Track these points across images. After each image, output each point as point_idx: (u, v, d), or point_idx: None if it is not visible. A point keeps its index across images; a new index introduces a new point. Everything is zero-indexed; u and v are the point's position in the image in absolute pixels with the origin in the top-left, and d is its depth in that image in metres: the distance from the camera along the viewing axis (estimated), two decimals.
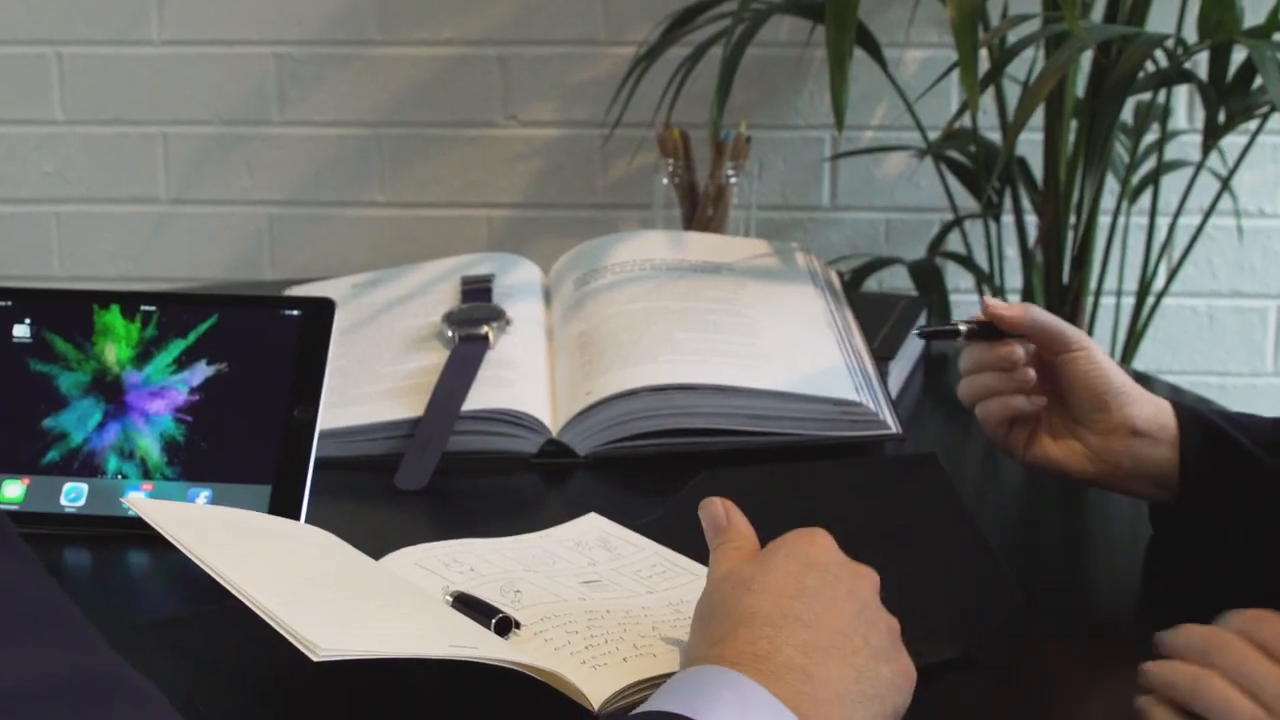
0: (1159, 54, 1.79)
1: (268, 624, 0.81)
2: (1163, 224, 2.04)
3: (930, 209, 2.24)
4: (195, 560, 0.89)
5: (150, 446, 1.13)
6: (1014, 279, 2.13)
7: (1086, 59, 1.89)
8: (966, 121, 2.03)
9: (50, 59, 2.26)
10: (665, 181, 1.70)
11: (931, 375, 1.50)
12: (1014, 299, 2.10)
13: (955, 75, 2.07)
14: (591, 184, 2.27)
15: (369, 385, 1.30)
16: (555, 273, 1.50)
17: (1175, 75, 1.80)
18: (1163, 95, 1.94)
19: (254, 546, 0.97)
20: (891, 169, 2.25)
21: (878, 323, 1.45)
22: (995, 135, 2.09)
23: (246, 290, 1.82)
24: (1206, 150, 1.85)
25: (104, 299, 1.17)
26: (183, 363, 1.15)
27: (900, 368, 1.42)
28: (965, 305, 2.20)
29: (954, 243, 2.14)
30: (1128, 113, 1.99)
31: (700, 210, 1.68)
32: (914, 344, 1.49)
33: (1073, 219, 1.90)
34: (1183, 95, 2.17)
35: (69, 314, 1.17)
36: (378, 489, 1.20)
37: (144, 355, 1.16)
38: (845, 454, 1.25)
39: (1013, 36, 1.82)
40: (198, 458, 1.13)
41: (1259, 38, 1.66)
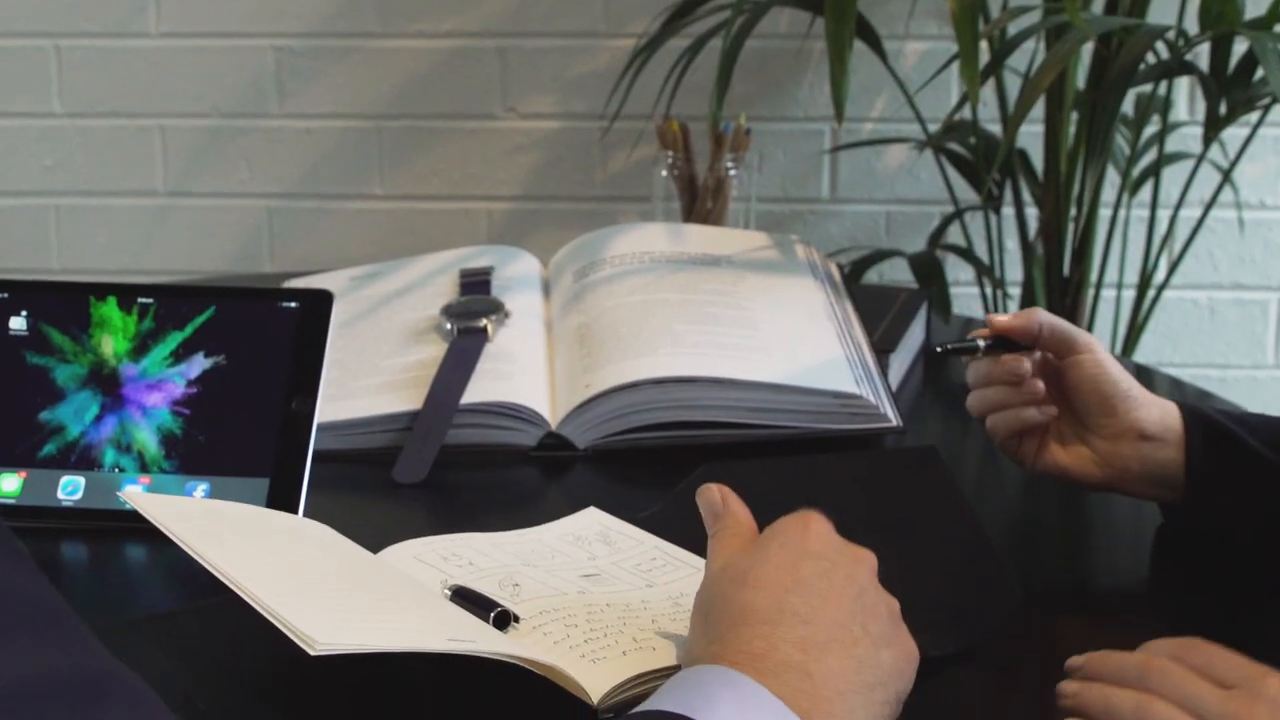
0: (1160, 46, 1.79)
1: (265, 618, 0.81)
2: (1163, 216, 2.03)
3: (930, 201, 2.24)
4: (192, 554, 0.89)
5: (147, 439, 1.13)
6: (1014, 271, 2.12)
7: (1087, 51, 1.88)
8: (967, 114, 2.03)
9: (48, 52, 2.26)
10: (665, 174, 1.70)
11: (932, 368, 1.49)
12: (1015, 291, 2.09)
13: (955, 67, 2.06)
14: (591, 176, 2.27)
15: (367, 378, 1.30)
16: (554, 265, 1.49)
17: (1176, 67, 1.79)
18: (1163, 87, 1.93)
19: (251, 540, 0.96)
20: (892, 161, 2.25)
21: (878, 315, 1.45)
22: (996, 127, 2.08)
23: (245, 283, 1.82)
24: (1207, 142, 1.84)
25: (101, 291, 1.17)
26: (180, 355, 1.15)
27: (900, 360, 1.42)
28: (965, 298, 2.20)
29: (954, 235, 2.14)
30: (1128, 105, 1.98)
31: (700, 203, 1.67)
32: (914, 337, 1.48)
33: (1073, 211, 1.90)
34: (1183, 87, 2.17)
35: (66, 306, 1.16)
36: (376, 482, 1.20)
37: (141, 348, 1.15)
38: (845, 447, 1.25)
39: (1013, 28, 1.81)
40: (195, 451, 1.12)
41: (1260, 29, 1.66)
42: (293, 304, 1.16)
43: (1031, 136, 2.04)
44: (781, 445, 1.25)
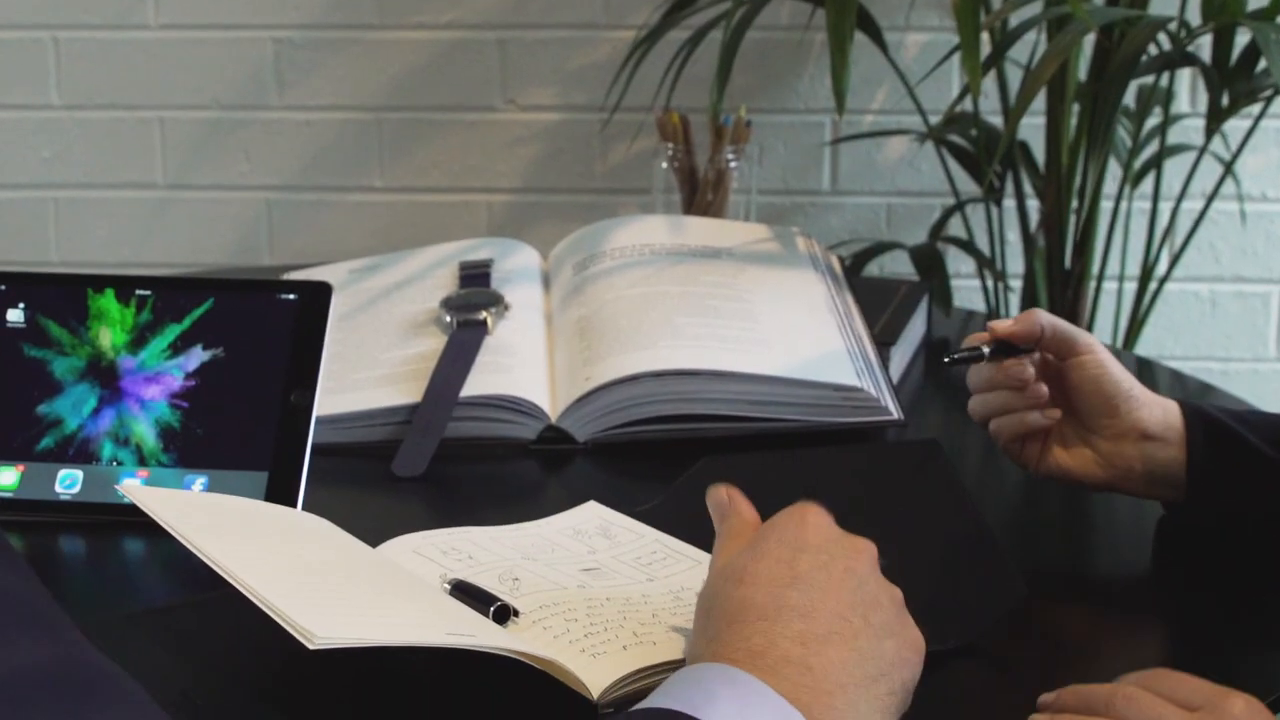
0: (1162, 37, 1.78)
1: (264, 612, 0.80)
2: (1165, 209, 2.03)
3: (931, 193, 2.23)
4: (191, 548, 0.89)
5: (146, 432, 1.13)
6: (1015, 264, 2.12)
7: (1088, 42, 1.88)
8: (968, 105, 2.02)
9: (47, 44, 2.25)
10: (665, 166, 1.69)
11: (933, 361, 1.49)
12: (1016, 284, 2.09)
13: (956, 59, 2.06)
14: (591, 169, 2.26)
15: (367, 371, 1.29)
16: (554, 258, 1.49)
17: (1178, 58, 1.79)
18: (1165, 79, 1.93)
19: (250, 534, 0.96)
20: (892, 153, 2.24)
21: (879, 308, 1.45)
22: (997, 119, 2.08)
23: (244, 276, 1.81)
24: (1210, 134, 1.84)
25: (99, 283, 1.16)
26: (178, 347, 1.15)
27: (902, 353, 1.42)
28: (966, 290, 2.19)
29: (955, 227, 2.13)
30: (1130, 97, 1.98)
31: (700, 195, 1.67)
32: (915, 329, 1.48)
33: (1075, 204, 1.89)
34: (1185, 79, 2.16)
35: (63, 298, 1.16)
36: (375, 475, 1.19)
37: (139, 340, 1.15)
38: (846, 440, 1.24)
39: (1014, 19, 1.81)
40: (193, 444, 1.12)
41: (1263, 20, 1.65)
42: (291, 296, 1.16)
43: (1033, 128, 2.03)
44: (782, 438, 1.25)
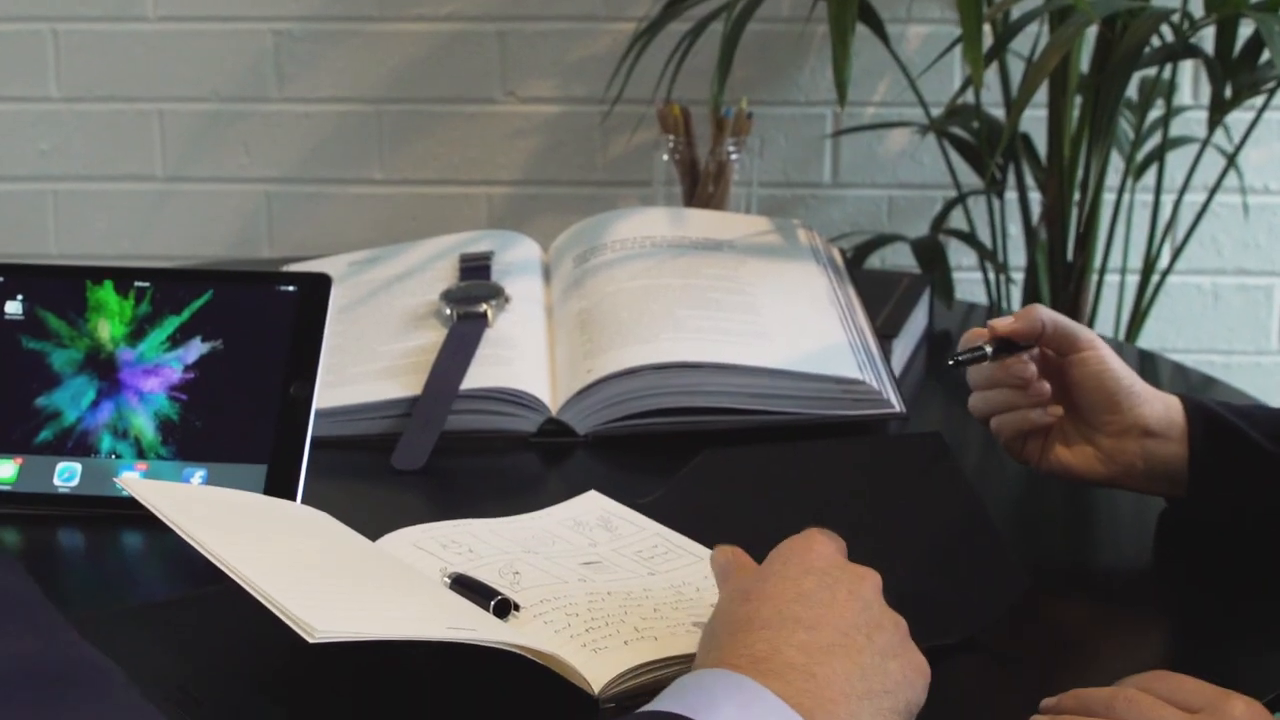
0: (1165, 29, 1.78)
1: (263, 606, 0.80)
2: (1167, 201, 2.02)
3: (933, 186, 2.22)
4: (190, 541, 0.88)
5: (144, 425, 1.12)
6: (1017, 256, 2.11)
7: (1091, 34, 1.87)
8: (969, 98, 2.02)
9: (45, 35, 2.24)
10: (666, 158, 1.69)
11: (935, 354, 1.49)
12: (1018, 277, 2.08)
13: (958, 51, 2.05)
14: (591, 161, 2.26)
15: (366, 364, 1.29)
16: (555, 250, 1.49)
17: (1181, 50, 1.78)
18: (1167, 71, 1.92)
19: (249, 527, 0.96)
20: (894, 145, 2.24)
21: (881, 300, 1.44)
22: (999, 111, 2.07)
23: (243, 268, 1.81)
24: (1212, 126, 1.83)
25: (97, 275, 1.16)
26: (177, 340, 1.14)
27: (903, 346, 1.41)
28: (968, 283, 2.19)
29: (957, 220, 2.13)
30: (1132, 89, 1.97)
31: (701, 187, 1.66)
32: (917, 322, 1.48)
33: (1077, 196, 1.89)
34: (1187, 70, 2.16)
35: (62, 290, 1.15)
36: (375, 469, 1.19)
37: (138, 332, 1.14)
38: (848, 433, 1.24)
39: (1016, 11, 1.80)
40: (192, 437, 1.12)
41: (1266, 11, 1.65)
42: (291, 288, 1.16)
43: (1035, 120, 2.03)
44: (784, 431, 1.24)
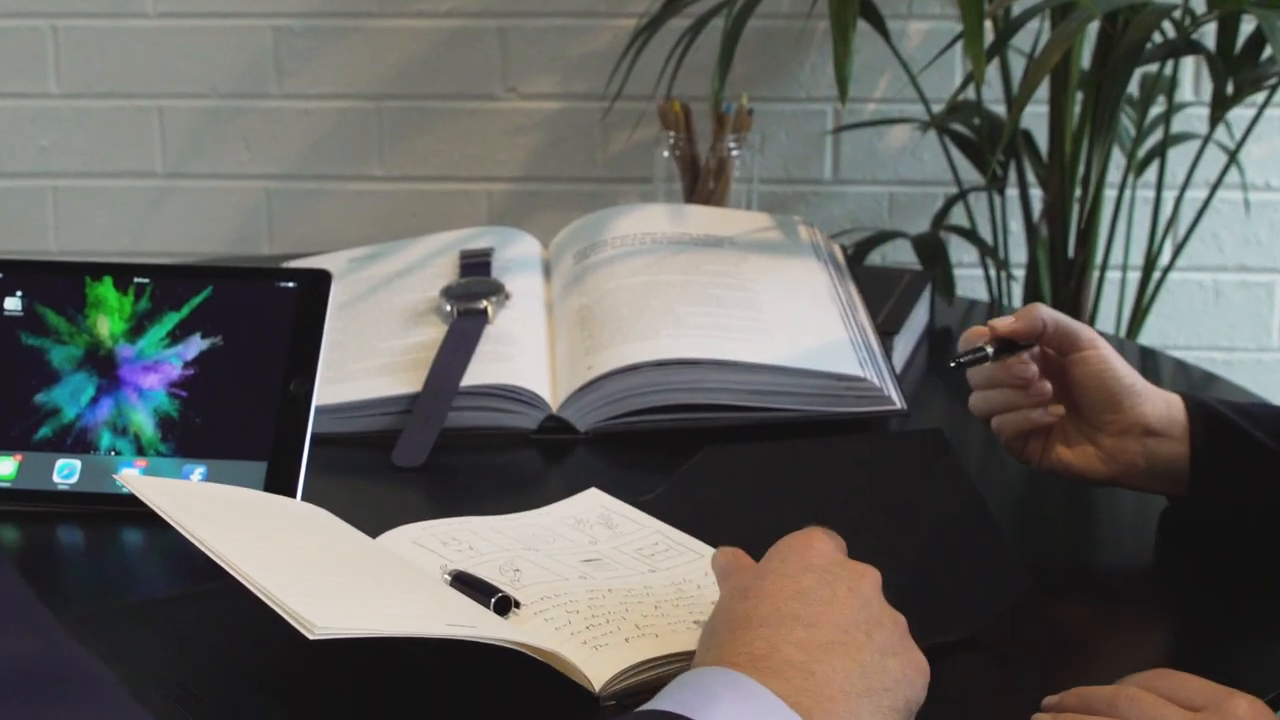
0: (1166, 24, 1.77)
1: (264, 603, 0.80)
2: (1169, 198, 2.02)
3: (933, 182, 2.22)
4: (190, 538, 0.88)
5: (144, 422, 1.12)
6: (1018, 253, 2.11)
7: (1092, 30, 1.87)
8: (971, 94, 2.02)
9: (45, 32, 2.24)
10: (666, 155, 1.68)
11: (936, 350, 1.48)
12: (1019, 273, 2.08)
13: (959, 47, 2.05)
14: (592, 157, 2.25)
15: (366, 360, 1.29)
16: (555, 247, 1.48)
17: (1183, 46, 1.78)
18: (1169, 67, 1.92)
19: (250, 524, 0.95)
20: (894, 142, 2.23)
21: (881, 297, 1.44)
22: (1000, 108, 2.07)
23: (243, 265, 1.81)
24: (1214, 122, 1.83)
25: (96, 271, 1.16)
26: (176, 336, 1.14)
27: (904, 342, 1.41)
28: (969, 279, 2.19)
29: (958, 216, 2.12)
30: (1133, 85, 1.97)
31: (701, 183, 1.66)
32: (918, 319, 1.47)
33: (1078, 192, 1.88)
34: (1188, 67, 2.15)
35: (61, 286, 1.15)
36: (375, 465, 1.19)
37: (137, 328, 1.14)
38: (849, 429, 1.24)
39: (1017, 7, 1.80)
40: (192, 433, 1.11)
41: (1268, 8, 1.64)
42: (291, 284, 1.15)
43: (1036, 117, 2.02)
44: (785, 428, 1.24)
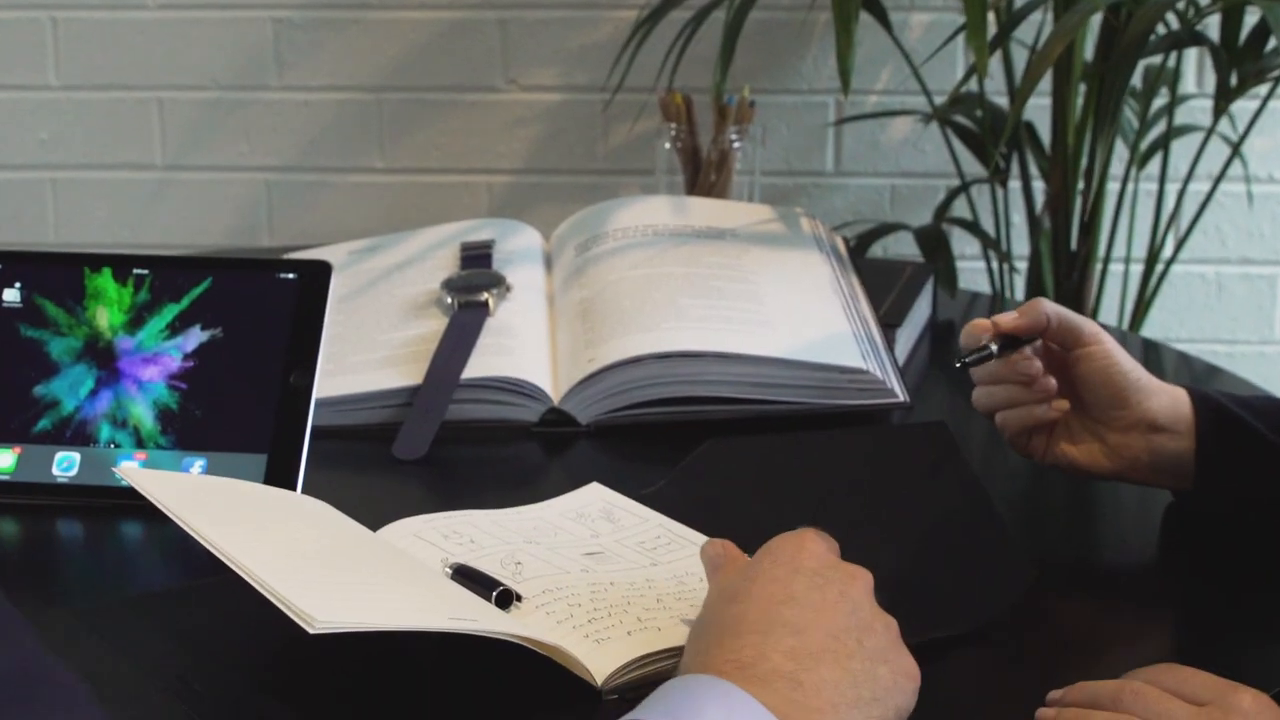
0: (1170, 16, 1.77)
1: (263, 597, 0.79)
2: (1171, 190, 2.02)
3: (935, 175, 2.22)
4: (189, 532, 0.88)
5: (143, 414, 1.11)
6: (1021, 245, 2.11)
7: (1095, 22, 1.86)
8: (973, 86, 2.01)
9: (45, 24, 2.23)
10: (668, 146, 1.68)
11: (938, 343, 1.48)
12: (1021, 266, 2.08)
13: (961, 39, 2.04)
14: (593, 149, 2.25)
15: (367, 353, 1.28)
16: (556, 239, 1.48)
17: (1187, 38, 1.77)
18: (1172, 59, 1.91)
19: (249, 517, 0.95)
20: (896, 134, 2.23)
21: (884, 289, 1.43)
22: (1002, 100, 2.06)
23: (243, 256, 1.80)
24: (1218, 114, 1.82)
25: (95, 262, 1.15)
26: (176, 328, 1.13)
27: (907, 335, 1.41)
28: (971, 272, 2.18)
29: (960, 208, 2.12)
30: (1135, 77, 1.96)
31: (703, 175, 1.66)
32: (921, 311, 1.47)
33: (1081, 185, 1.88)
34: (1191, 59, 2.15)
35: (60, 278, 1.15)
36: (376, 458, 1.18)
37: (136, 320, 1.14)
38: (851, 422, 1.23)
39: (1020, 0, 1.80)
40: (192, 426, 1.11)
41: (1272, 0, 1.64)
42: (291, 275, 1.15)
43: (1039, 109, 2.02)
44: (787, 420, 1.23)
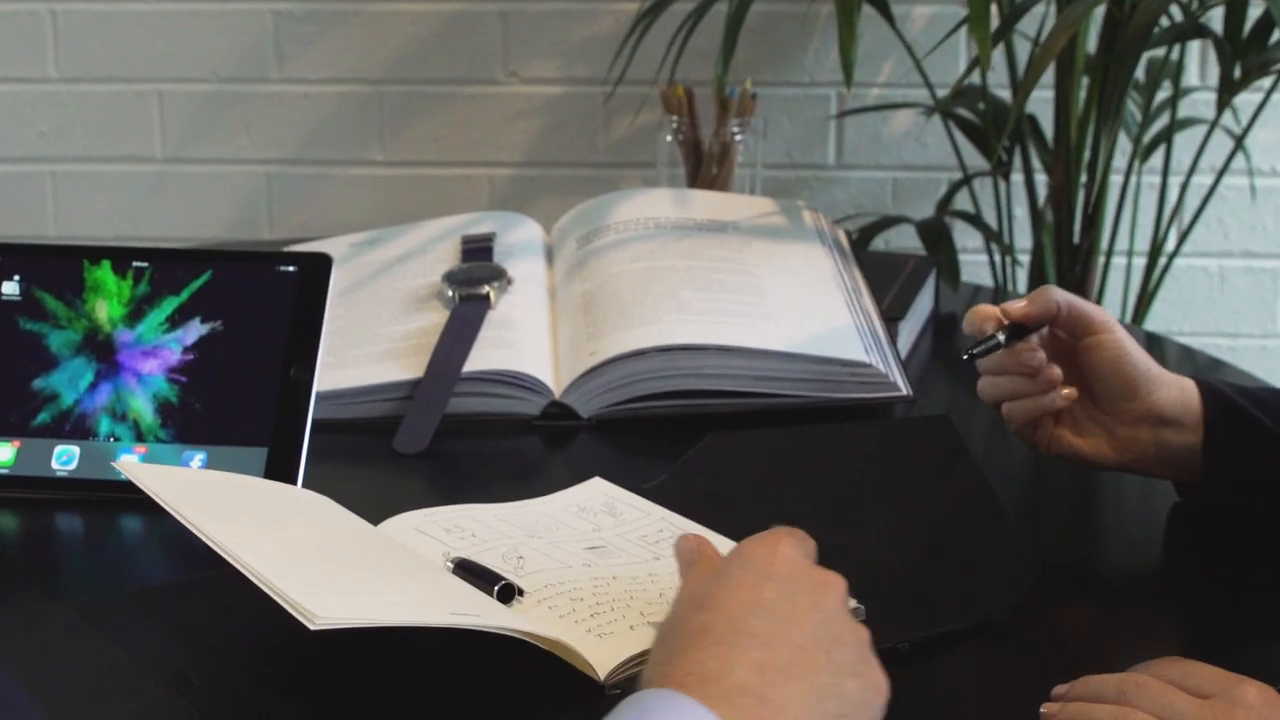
0: (1173, 9, 1.76)
1: (264, 592, 0.79)
2: (1175, 183, 2.01)
3: (937, 168, 2.21)
4: (189, 526, 0.87)
5: (143, 408, 1.11)
6: (1023, 239, 2.10)
7: (1098, 13, 1.86)
8: (975, 79, 2.00)
9: (44, 16, 2.23)
10: (669, 139, 1.68)
11: (941, 336, 1.47)
12: (1024, 259, 2.07)
13: (963, 32, 2.04)
14: (594, 142, 2.24)
15: (367, 346, 1.28)
16: (557, 231, 1.47)
17: (1190, 30, 1.77)
18: (1176, 51, 1.91)
19: (249, 512, 0.95)
20: (898, 127, 2.22)
21: (886, 282, 1.43)
22: (1005, 93, 2.06)
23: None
24: (1221, 107, 1.82)
25: (95, 254, 1.15)
26: (176, 321, 1.13)
27: (909, 328, 1.40)
28: (974, 265, 2.17)
29: (962, 201, 2.11)
30: (1139, 70, 1.96)
31: (705, 168, 1.65)
32: (923, 304, 1.46)
33: (1084, 178, 1.87)
34: (1194, 51, 2.14)
35: (59, 270, 1.14)
36: (377, 452, 1.18)
37: (136, 313, 1.13)
38: (854, 416, 1.23)
39: None
40: (192, 419, 1.10)
41: None
42: (291, 268, 1.14)
43: (1041, 102, 2.01)
44: (789, 414, 1.23)
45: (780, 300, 1.30)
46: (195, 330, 1.13)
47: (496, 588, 0.88)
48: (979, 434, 1.25)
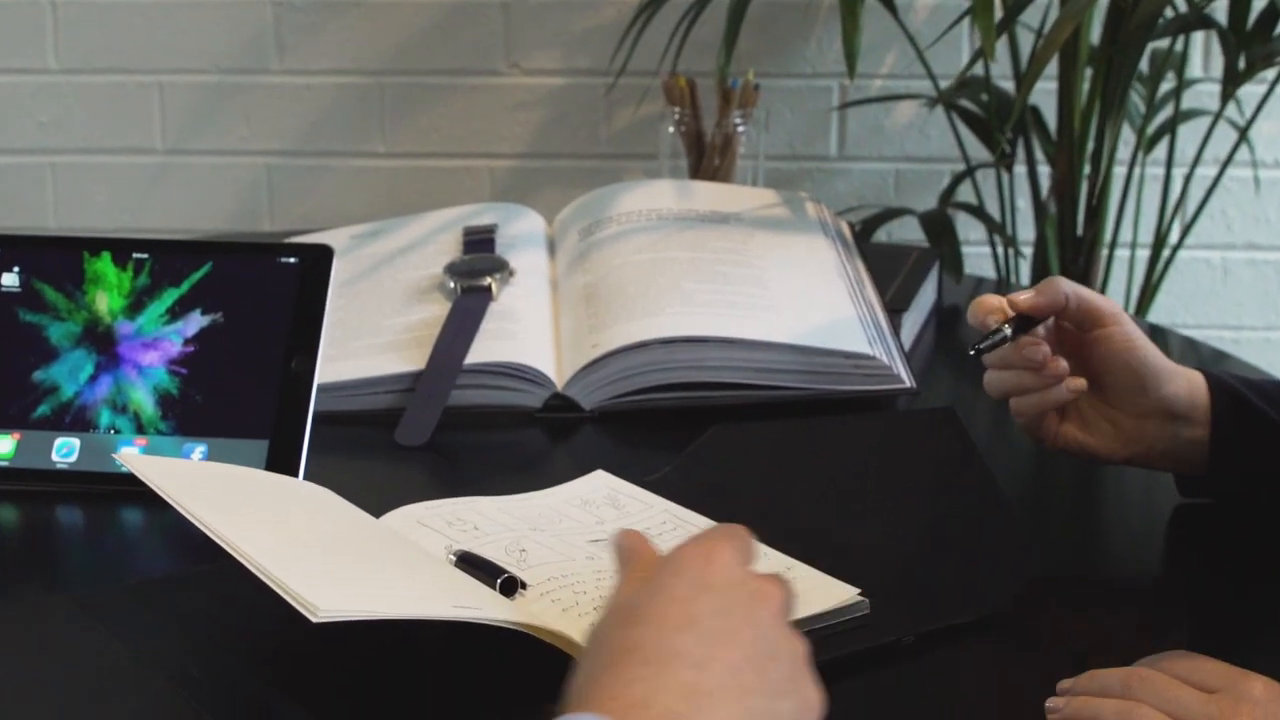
0: None
1: (265, 584, 0.79)
2: (1178, 175, 2.01)
3: (940, 159, 2.21)
4: (190, 518, 0.87)
5: (144, 400, 1.11)
6: (1026, 230, 2.10)
7: (1102, 4, 1.85)
8: (979, 70, 2.00)
9: (44, 7, 2.22)
10: (671, 130, 1.67)
11: (944, 328, 1.47)
12: (1027, 250, 2.07)
13: (967, 23, 2.03)
14: (596, 133, 2.24)
15: (369, 338, 1.27)
16: (559, 223, 1.47)
17: (1194, 21, 1.76)
18: (1180, 42, 1.90)
19: (251, 504, 0.95)
20: (901, 118, 2.22)
21: (889, 274, 1.43)
22: (1008, 84, 2.05)
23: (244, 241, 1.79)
24: (1225, 98, 1.81)
25: (95, 246, 1.14)
26: (176, 312, 1.13)
27: (913, 320, 1.40)
28: (977, 257, 2.17)
29: (965, 193, 2.11)
30: (1142, 61, 1.95)
31: (707, 160, 1.65)
32: (926, 296, 1.46)
33: (1087, 169, 1.87)
34: (1199, 43, 2.14)
35: (59, 262, 1.14)
36: (378, 444, 1.18)
37: (136, 305, 1.13)
38: (857, 408, 1.23)
39: None
40: (192, 411, 1.10)
41: None
42: (292, 259, 1.14)
43: (1045, 93, 2.01)
44: (793, 406, 1.23)
45: (783, 292, 1.30)
46: (196, 322, 1.12)
47: (499, 581, 0.87)
48: (982, 426, 1.25)
